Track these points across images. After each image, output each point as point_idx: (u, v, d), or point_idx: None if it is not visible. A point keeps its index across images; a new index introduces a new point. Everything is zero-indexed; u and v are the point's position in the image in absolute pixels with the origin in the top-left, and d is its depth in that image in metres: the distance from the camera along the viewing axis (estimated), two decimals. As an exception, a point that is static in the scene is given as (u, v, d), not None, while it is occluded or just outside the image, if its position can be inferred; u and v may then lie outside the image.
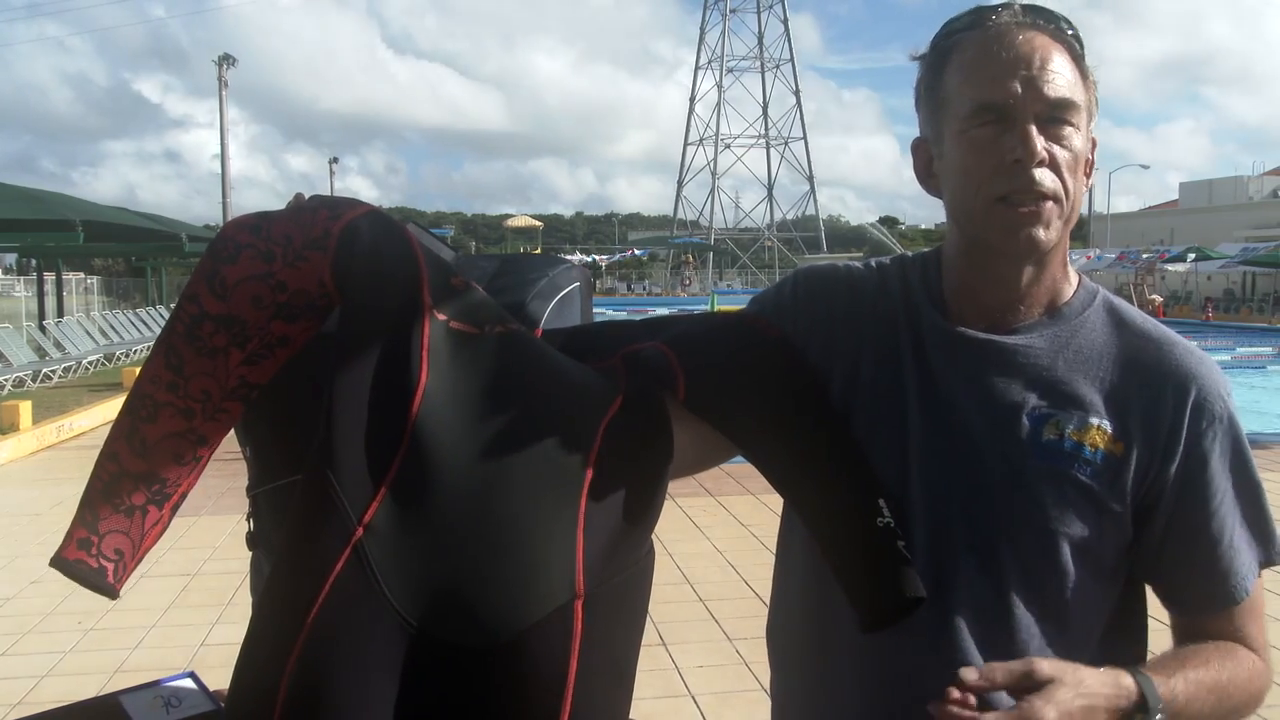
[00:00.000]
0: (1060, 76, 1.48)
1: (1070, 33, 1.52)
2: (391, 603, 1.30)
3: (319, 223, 1.39)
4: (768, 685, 1.84)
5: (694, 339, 1.60)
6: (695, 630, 6.49)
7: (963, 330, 1.57)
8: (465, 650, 1.31)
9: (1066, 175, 1.49)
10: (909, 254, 1.71)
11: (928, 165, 1.62)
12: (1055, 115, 1.48)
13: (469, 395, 1.37)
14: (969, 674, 1.35)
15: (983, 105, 1.49)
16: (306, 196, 1.50)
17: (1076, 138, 1.50)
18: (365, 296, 1.37)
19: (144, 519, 1.39)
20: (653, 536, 1.47)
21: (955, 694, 1.33)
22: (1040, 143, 1.47)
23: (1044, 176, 1.48)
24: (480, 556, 1.32)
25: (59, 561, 1.37)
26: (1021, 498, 1.50)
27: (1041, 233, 1.50)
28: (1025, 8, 1.52)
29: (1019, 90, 1.47)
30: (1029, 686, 1.34)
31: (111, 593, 1.38)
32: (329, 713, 1.27)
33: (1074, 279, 1.62)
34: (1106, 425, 1.52)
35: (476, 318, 1.42)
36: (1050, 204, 1.49)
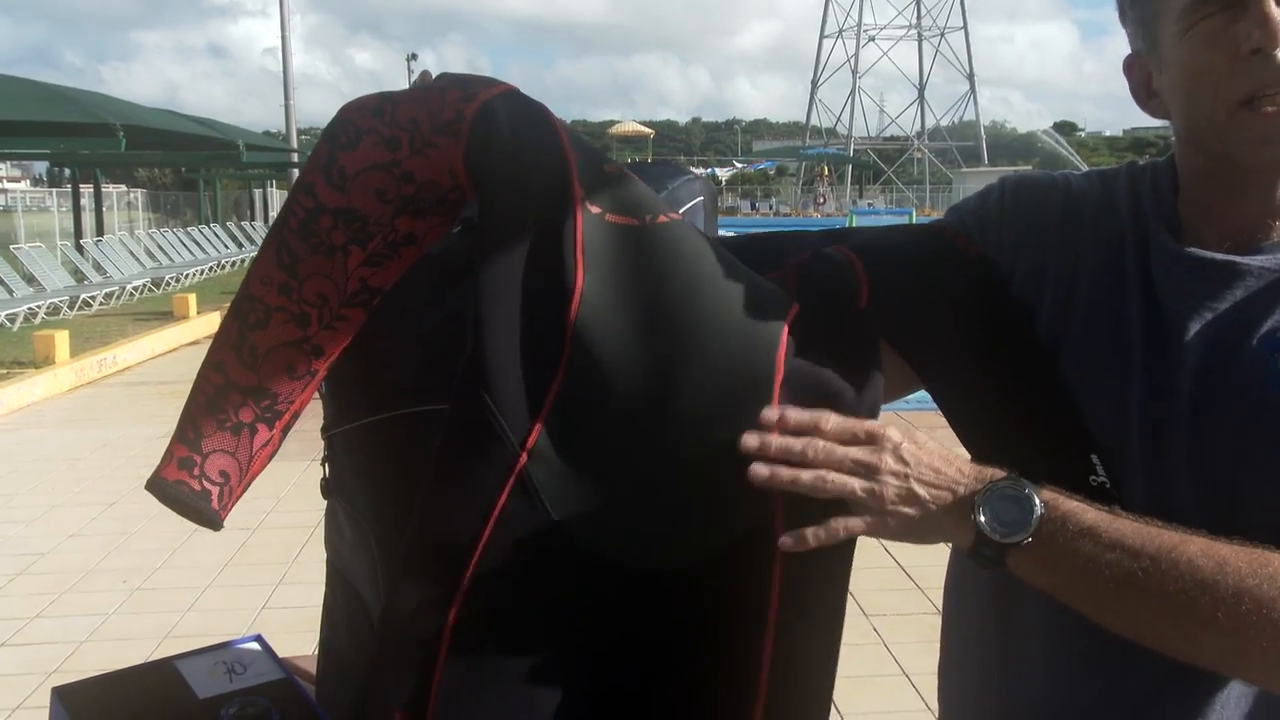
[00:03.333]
0: None
1: None
2: (564, 535, 1.33)
3: (450, 104, 1.37)
4: (910, 668, 1.85)
5: (881, 247, 1.60)
6: (826, 605, 6.44)
7: (1196, 251, 1.51)
8: (654, 578, 1.34)
9: None
10: (1139, 162, 1.64)
11: (1146, 84, 1.56)
12: None
13: (633, 296, 1.38)
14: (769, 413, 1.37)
15: None
16: (432, 77, 1.49)
17: None
18: (505, 189, 1.37)
19: (252, 439, 1.39)
20: None
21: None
22: None
23: None
24: (662, 474, 1.35)
25: (157, 484, 1.37)
26: (1259, 441, 1.44)
27: None
28: None
29: None
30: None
31: (215, 521, 1.39)
32: (505, 662, 1.32)
33: None
34: None
35: (635, 207, 1.42)
36: None
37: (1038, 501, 1.35)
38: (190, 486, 1.37)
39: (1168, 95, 1.52)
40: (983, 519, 1.34)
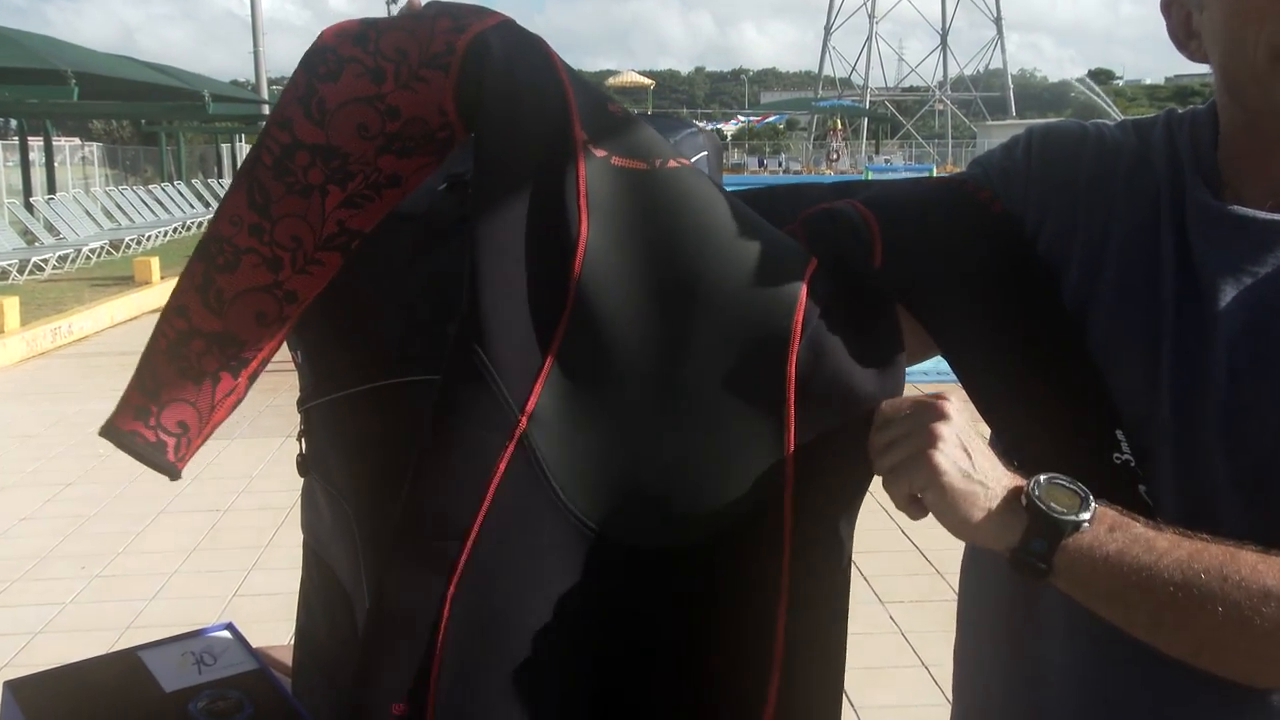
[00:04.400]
0: None
1: None
2: (567, 506, 1.34)
3: (439, 34, 1.36)
4: (928, 658, 1.85)
5: (896, 201, 1.60)
6: (840, 592, 6.44)
7: (1237, 210, 1.49)
8: (661, 553, 1.36)
9: None
10: (1177, 110, 1.63)
11: (1185, 23, 1.55)
12: None
13: (642, 247, 1.38)
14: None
15: None
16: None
17: None
18: (501, 131, 1.36)
19: (214, 388, 1.39)
20: None
21: None
22: None
23: None
24: (664, 444, 1.36)
25: (110, 430, 1.37)
26: None
27: None
28: None
29: None
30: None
31: (172, 472, 1.39)
32: (505, 637, 1.33)
33: None
34: None
35: (643, 151, 1.41)
36: None
37: (1090, 495, 1.34)
38: (145, 438, 1.37)
39: (1208, 37, 1.51)
40: (1037, 494, 1.33)
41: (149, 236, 27.68)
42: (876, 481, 1.42)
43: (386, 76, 1.36)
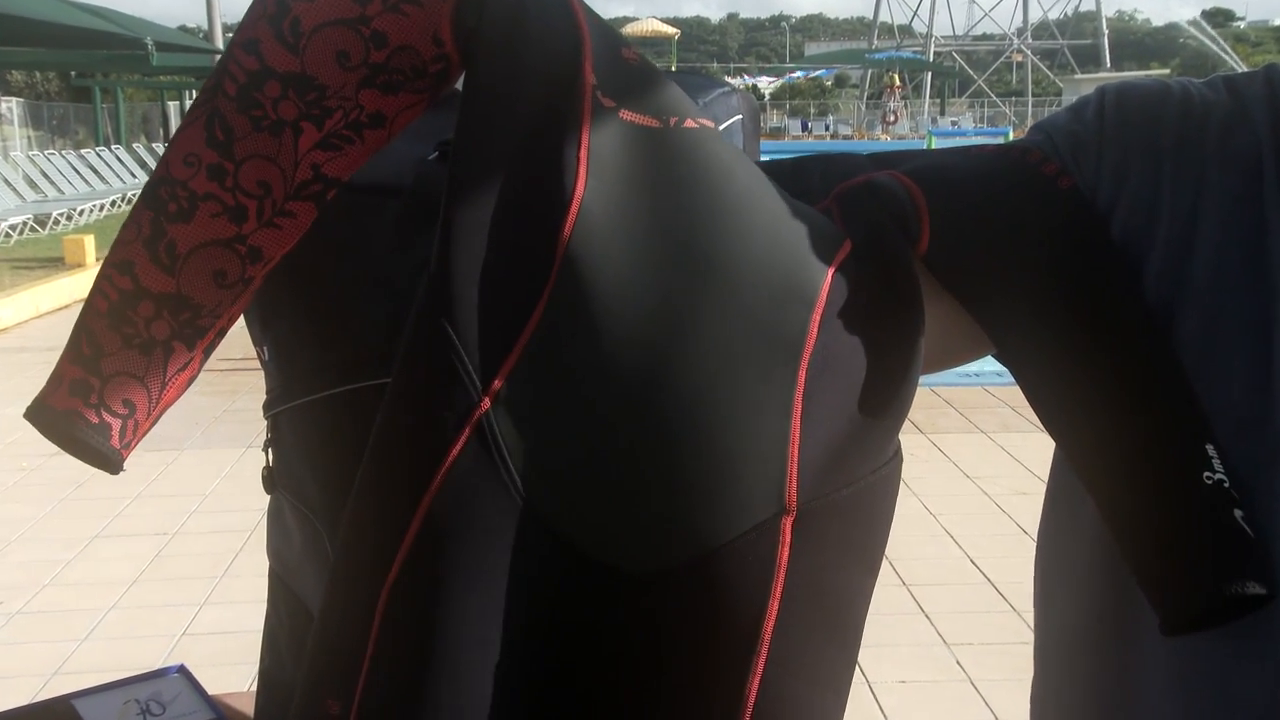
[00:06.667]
0: None
1: None
2: (527, 505, 1.33)
3: None
4: (1002, 710, 1.83)
5: (947, 175, 1.58)
6: (897, 629, 6.47)
7: None
8: (626, 574, 1.34)
9: None
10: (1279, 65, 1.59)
11: None
12: None
13: (645, 215, 1.36)
14: None
15: None
16: None
17: None
18: (500, 66, 1.34)
19: (166, 359, 1.35)
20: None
21: None
22: None
23: None
24: (652, 445, 1.34)
25: (40, 411, 1.33)
26: None
27: None
28: None
29: None
30: None
31: (115, 461, 1.35)
32: (437, 648, 1.33)
33: None
34: None
35: (658, 105, 1.39)
36: None
37: None
38: (85, 419, 1.33)
39: None
40: None
41: (81, 211, 27.62)
42: (943, 501, 1.42)
43: None
